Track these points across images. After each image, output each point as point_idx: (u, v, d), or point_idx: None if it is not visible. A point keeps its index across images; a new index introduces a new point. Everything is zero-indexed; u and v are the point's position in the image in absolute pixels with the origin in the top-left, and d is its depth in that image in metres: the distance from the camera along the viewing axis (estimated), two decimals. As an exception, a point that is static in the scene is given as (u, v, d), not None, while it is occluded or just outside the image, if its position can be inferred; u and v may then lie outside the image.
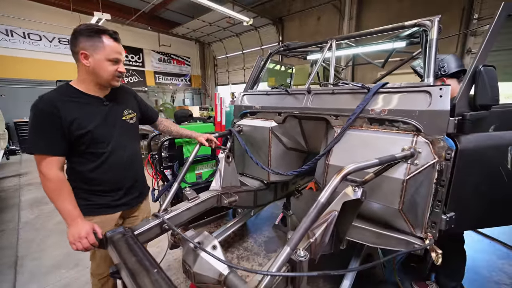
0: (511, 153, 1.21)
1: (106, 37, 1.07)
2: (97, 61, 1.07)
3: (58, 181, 1.06)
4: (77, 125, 1.08)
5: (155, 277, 0.92)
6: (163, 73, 11.32)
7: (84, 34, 1.05)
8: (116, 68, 1.12)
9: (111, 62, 1.10)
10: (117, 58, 1.11)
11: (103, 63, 1.08)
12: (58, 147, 1.06)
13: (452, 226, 1.22)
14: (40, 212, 3.28)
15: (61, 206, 1.06)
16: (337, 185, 0.92)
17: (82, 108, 1.11)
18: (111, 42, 1.08)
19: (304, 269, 0.90)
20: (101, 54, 1.07)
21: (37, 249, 2.46)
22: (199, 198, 1.54)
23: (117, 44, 1.11)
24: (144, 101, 1.48)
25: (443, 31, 4.04)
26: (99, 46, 1.06)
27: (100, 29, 1.07)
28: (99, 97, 1.18)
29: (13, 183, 4.47)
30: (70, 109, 1.07)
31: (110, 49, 1.08)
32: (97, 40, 1.06)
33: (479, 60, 1.12)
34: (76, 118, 1.08)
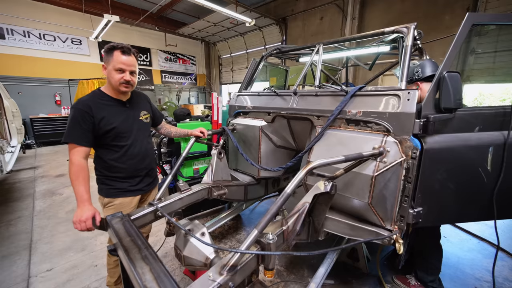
0: (477, 154, 1.29)
1: (116, 52, 1.33)
2: (109, 71, 1.35)
3: (79, 166, 1.29)
4: (106, 121, 1.36)
5: (145, 253, 1.07)
6: (169, 72, 11.60)
7: (105, 51, 1.35)
8: (121, 77, 1.35)
9: (117, 71, 1.34)
10: (120, 68, 1.34)
11: (111, 72, 1.35)
12: (85, 139, 1.32)
13: (420, 220, 1.32)
14: (52, 201, 3.54)
15: (76, 187, 1.28)
16: (302, 177, 1.04)
17: (109, 108, 1.39)
18: (118, 56, 1.33)
19: (272, 250, 1.03)
20: (111, 65, 1.34)
21: (49, 234, 2.69)
22: (191, 190, 1.69)
23: (124, 57, 1.34)
24: (154, 105, 1.75)
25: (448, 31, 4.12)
26: (110, 59, 1.33)
27: (114, 46, 1.33)
28: (122, 101, 1.46)
29: (29, 175, 4.79)
30: (100, 109, 1.35)
31: (116, 60, 1.33)
32: (110, 55, 1.33)
33: (444, 67, 1.20)
34: (105, 116, 1.36)
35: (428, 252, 1.77)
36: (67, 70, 8.35)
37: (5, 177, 4.51)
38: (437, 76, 1.22)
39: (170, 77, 11.68)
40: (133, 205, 1.58)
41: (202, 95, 12.99)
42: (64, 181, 4.36)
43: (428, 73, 1.56)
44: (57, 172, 4.90)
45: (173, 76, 11.76)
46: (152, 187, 1.70)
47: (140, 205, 1.67)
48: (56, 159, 6.02)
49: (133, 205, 1.58)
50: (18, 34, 7.54)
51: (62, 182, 4.34)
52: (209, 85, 12.97)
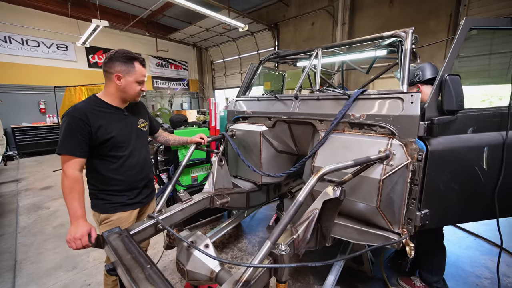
0: (486, 154, 1.31)
1: (137, 63, 1.31)
2: (128, 82, 1.30)
3: (74, 179, 1.20)
4: (103, 130, 1.27)
5: (149, 271, 1.00)
6: (161, 78, 11.43)
7: (121, 60, 1.27)
8: (140, 88, 1.35)
9: (138, 83, 1.33)
10: (143, 80, 1.35)
11: (133, 84, 1.32)
12: (81, 150, 1.22)
13: (427, 222, 1.32)
14: (37, 216, 3.33)
15: (70, 203, 1.19)
16: (314, 184, 1.01)
17: (107, 116, 1.31)
18: (140, 68, 1.32)
19: (285, 261, 0.99)
20: (133, 77, 1.30)
21: (35, 252, 2.51)
22: (192, 200, 1.63)
23: (144, 69, 1.35)
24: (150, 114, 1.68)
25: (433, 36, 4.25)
26: (131, 71, 1.29)
27: (133, 57, 1.31)
28: (120, 108, 1.39)
29: (11, 189, 4.51)
30: (97, 117, 1.26)
31: (140, 73, 1.32)
32: (130, 66, 1.29)
33: (445, 70, 1.22)
34: (102, 124, 1.27)
35: (433, 253, 1.78)
36: (52, 77, 8.05)
37: (-15, 191, 4.24)
38: (438, 79, 1.24)
39: (162, 83, 11.51)
40: (132, 219, 1.48)
41: (195, 100, 12.86)
42: (50, 194, 4.13)
43: (428, 76, 1.59)
44: (43, 185, 4.65)
45: (165, 82, 11.59)
46: (150, 198, 1.61)
47: (138, 219, 1.58)
48: (41, 171, 5.73)
49: (132, 220, 1.48)
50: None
51: (48, 195, 4.11)
52: (202, 90, 12.87)
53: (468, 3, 4.61)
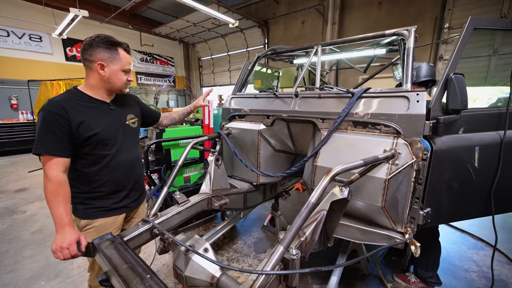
0: (478, 153, 1.35)
1: (121, 50, 1.18)
2: (113, 71, 1.16)
3: (58, 183, 1.07)
4: (86, 126, 1.13)
5: (149, 283, 0.91)
6: (145, 74, 10.96)
7: (102, 46, 1.13)
8: (127, 77, 1.23)
9: (124, 72, 1.20)
10: (130, 69, 1.23)
11: (118, 73, 1.18)
12: (63, 149, 1.09)
13: (429, 220, 1.33)
14: (12, 221, 3.05)
15: (54, 209, 1.06)
16: (326, 185, 0.97)
17: (90, 111, 1.16)
18: (125, 54, 1.19)
19: (296, 266, 0.94)
20: (118, 65, 1.17)
21: (11, 261, 2.29)
22: (190, 202, 1.53)
23: (129, 56, 1.22)
24: (145, 104, 1.54)
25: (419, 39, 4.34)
26: (116, 58, 1.16)
27: (117, 42, 1.17)
28: (106, 102, 1.24)
29: (-21, 191, 4.11)
30: (78, 111, 1.12)
31: (125, 61, 1.19)
32: (113, 52, 1.15)
33: (450, 69, 1.23)
34: (85, 120, 1.13)
35: (429, 250, 1.82)
36: (25, 70, 7.45)
37: None
38: (443, 78, 1.24)
39: (147, 79, 11.05)
40: (117, 226, 1.34)
41: (181, 98, 12.51)
42: (26, 196, 3.81)
43: (422, 78, 1.60)
44: (17, 187, 4.27)
45: (149, 78, 11.14)
46: (138, 203, 1.47)
47: (125, 225, 1.44)
48: (14, 171, 5.27)
49: (117, 226, 1.34)
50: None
51: (23, 197, 3.79)
52: (189, 87, 12.53)
53: (452, 7, 4.81)
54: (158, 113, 1.62)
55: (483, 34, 4.04)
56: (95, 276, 1.32)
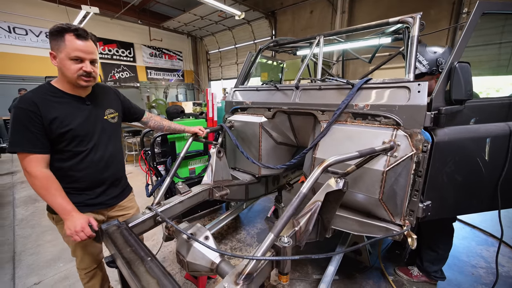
0: (489, 145, 1.29)
1: (69, 35, 1.04)
2: (61, 60, 1.06)
3: (45, 178, 1.07)
4: (59, 123, 1.09)
5: (149, 264, 0.98)
6: (155, 68, 11.15)
7: (52, 34, 1.05)
8: (79, 67, 1.08)
9: (73, 61, 1.06)
10: (78, 56, 1.06)
11: (65, 62, 1.06)
12: (40, 145, 1.07)
13: (429, 213, 1.31)
14: (35, 209, 3.28)
15: (53, 202, 1.08)
16: (318, 176, 0.98)
17: (63, 107, 1.12)
18: (72, 40, 1.05)
19: (288, 254, 0.98)
20: (63, 53, 1.05)
21: (34, 244, 2.49)
22: (191, 192, 1.59)
23: (80, 42, 1.06)
24: (128, 99, 1.48)
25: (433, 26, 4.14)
26: (61, 45, 1.05)
27: (64, 28, 1.05)
28: (81, 97, 1.19)
29: (6, 181, 4.43)
30: (50, 107, 1.08)
31: (71, 47, 1.04)
32: (60, 40, 1.04)
33: (455, 57, 1.18)
34: (57, 116, 1.09)
35: (439, 245, 1.78)
36: (43, 67, 7.78)
37: (-22, 184, 4.16)
38: (447, 66, 1.19)
39: (156, 74, 11.24)
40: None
41: (190, 92, 12.64)
42: (46, 186, 4.07)
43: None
44: (38, 177, 4.57)
45: (159, 73, 11.32)
46: (119, 200, 1.42)
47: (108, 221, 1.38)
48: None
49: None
50: (-16, 27, 6.91)
51: (44, 187, 4.05)
52: (197, 81, 12.63)
53: (472, -10, 4.50)
54: (142, 110, 1.56)
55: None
56: (80, 261, 1.37)
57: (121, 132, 5.11)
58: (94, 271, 1.43)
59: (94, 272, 1.43)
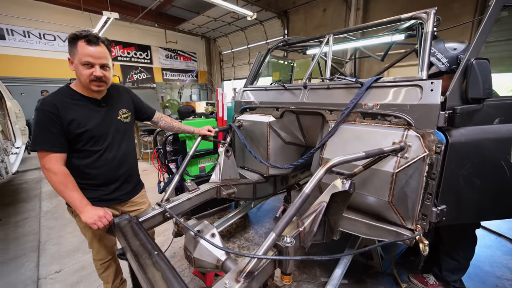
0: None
1: (80, 42, 1.10)
2: (75, 65, 1.13)
3: (63, 174, 1.15)
4: (76, 124, 1.16)
5: (156, 258, 1.02)
6: (170, 70, 11.50)
7: (68, 41, 1.13)
8: (90, 72, 1.13)
9: (84, 66, 1.12)
10: (88, 62, 1.11)
11: (78, 67, 1.13)
12: (59, 145, 1.14)
13: (444, 218, 1.24)
14: (58, 202, 3.52)
15: (70, 197, 1.16)
16: (321, 176, 0.97)
17: (80, 109, 1.19)
18: (83, 46, 1.10)
19: (290, 254, 0.97)
20: (76, 58, 1.12)
21: (56, 235, 2.67)
22: (199, 190, 1.63)
23: (91, 48, 1.11)
24: (140, 99, 1.54)
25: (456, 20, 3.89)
26: (75, 51, 1.11)
27: (77, 35, 1.10)
28: (97, 99, 1.26)
29: (34, 176, 4.79)
30: (69, 110, 1.15)
31: (82, 53, 1.10)
32: (74, 46, 1.11)
33: (472, 53, 1.11)
34: (75, 118, 1.16)
35: (459, 253, 1.69)
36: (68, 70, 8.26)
37: (11, 178, 4.52)
38: (463, 63, 1.13)
39: (171, 75, 11.59)
40: None
41: (203, 92, 12.90)
42: (69, 182, 4.34)
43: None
44: (62, 173, 4.90)
45: (174, 74, 11.67)
46: (132, 195, 1.49)
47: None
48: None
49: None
50: (18, 34, 7.50)
51: (67, 182, 4.33)
52: (211, 81, 12.85)
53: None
54: (152, 110, 1.61)
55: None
56: (96, 252, 1.47)
57: (137, 130, 5.35)
58: (108, 263, 1.52)
59: (108, 263, 1.52)
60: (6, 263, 2.23)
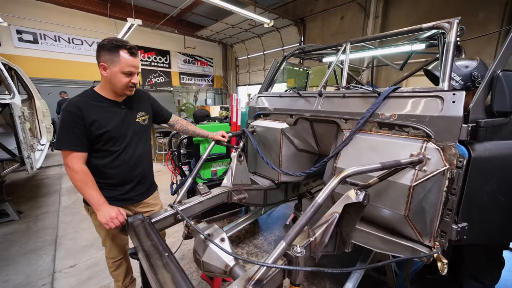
0: None
1: (123, 52, 1.18)
2: (113, 73, 1.20)
3: (83, 173, 1.21)
4: (98, 125, 1.23)
5: (166, 260, 1.04)
6: (187, 74, 11.86)
7: (106, 48, 1.18)
8: (129, 80, 1.23)
9: (125, 74, 1.21)
10: (131, 71, 1.21)
11: (118, 75, 1.20)
12: (81, 144, 1.21)
13: (465, 237, 1.18)
14: (76, 198, 3.69)
15: (88, 194, 1.21)
16: (334, 187, 0.95)
17: (102, 111, 1.26)
18: (127, 57, 1.19)
19: (300, 264, 0.95)
20: (117, 67, 1.18)
21: (72, 230, 2.80)
22: (211, 193, 1.65)
23: (132, 58, 1.20)
24: (157, 102, 1.59)
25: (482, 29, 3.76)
26: (115, 60, 1.18)
27: (119, 45, 1.18)
28: (117, 102, 1.32)
29: (56, 172, 5.06)
30: (91, 111, 1.22)
31: (125, 63, 1.19)
32: (114, 54, 1.17)
33: (498, 65, 1.06)
34: (97, 119, 1.23)
35: (486, 276, 1.58)
36: (92, 72, 8.79)
37: (35, 173, 4.81)
38: (489, 75, 1.08)
39: (188, 79, 11.94)
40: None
41: (218, 96, 13.15)
42: (87, 179, 4.54)
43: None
44: (82, 170, 5.14)
45: (191, 78, 12.01)
46: (145, 196, 1.53)
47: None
48: (80, 157, 6.32)
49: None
50: (50, 39, 8.08)
51: (85, 179, 4.53)
52: (226, 86, 13.09)
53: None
54: (169, 113, 1.66)
55: None
56: (109, 250, 1.52)
57: (153, 132, 5.53)
58: (119, 261, 1.57)
59: (119, 262, 1.57)
60: (26, 254, 2.35)
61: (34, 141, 4.26)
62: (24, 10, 7.49)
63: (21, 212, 3.17)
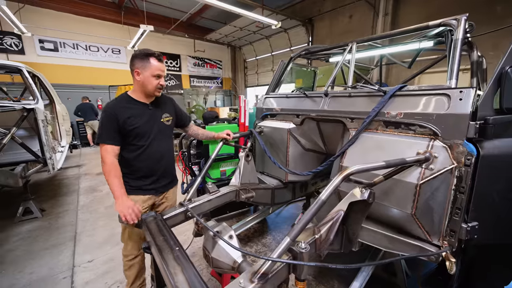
0: None
1: (152, 59, 1.41)
2: (145, 76, 1.42)
3: (111, 164, 1.39)
4: (129, 122, 1.43)
5: (177, 253, 1.10)
6: (197, 77, 12.10)
7: (138, 57, 1.41)
8: (158, 82, 1.45)
9: (154, 77, 1.43)
10: (159, 74, 1.44)
11: (149, 78, 1.42)
12: (113, 139, 1.41)
13: (475, 236, 1.16)
14: (93, 197, 3.88)
15: (111, 182, 1.36)
16: (338, 184, 0.98)
17: (133, 110, 1.47)
18: (155, 63, 1.42)
19: (305, 259, 0.98)
20: (148, 71, 1.41)
21: (90, 227, 2.95)
22: (219, 192, 1.71)
23: (160, 64, 1.44)
24: (180, 108, 1.79)
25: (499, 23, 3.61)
26: (147, 66, 1.41)
27: (149, 53, 1.41)
28: (146, 103, 1.53)
29: (74, 173, 5.32)
30: (124, 111, 1.44)
31: (155, 67, 1.42)
32: (146, 61, 1.40)
33: (507, 61, 1.05)
34: (128, 117, 1.43)
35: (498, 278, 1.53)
36: (107, 77, 9.19)
37: (56, 174, 5.08)
38: (497, 71, 1.06)
39: (198, 81, 12.18)
40: (143, 203, 1.57)
41: (227, 98, 13.31)
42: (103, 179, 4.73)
43: None
44: (98, 171, 5.38)
45: (200, 80, 12.25)
46: (167, 188, 1.69)
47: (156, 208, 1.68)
48: (97, 158, 6.62)
49: (143, 204, 1.56)
50: (69, 46, 8.54)
51: (102, 180, 4.74)
52: (235, 88, 13.23)
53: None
54: (188, 119, 1.86)
55: None
56: (124, 247, 1.64)
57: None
58: (133, 261, 1.67)
59: (133, 262, 1.67)
60: (48, 249, 2.51)
61: (55, 143, 4.52)
62: (45, 20, 7.96)
63: (44, 210, 3.37)
